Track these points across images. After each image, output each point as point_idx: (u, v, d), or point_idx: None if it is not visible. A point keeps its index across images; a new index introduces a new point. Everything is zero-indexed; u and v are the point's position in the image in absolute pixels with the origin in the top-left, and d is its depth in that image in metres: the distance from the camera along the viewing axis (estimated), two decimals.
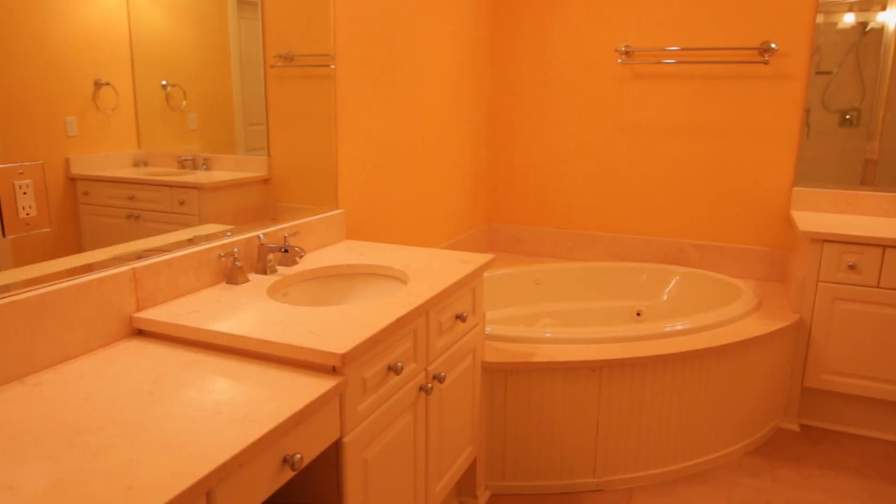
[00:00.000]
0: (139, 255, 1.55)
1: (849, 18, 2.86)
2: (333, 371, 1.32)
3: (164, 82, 1.61)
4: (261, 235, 1.84)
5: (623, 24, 3.20)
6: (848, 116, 2.94)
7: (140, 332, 1.51)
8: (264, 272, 1.81)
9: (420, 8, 2.68)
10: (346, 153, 2.31)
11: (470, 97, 3.26)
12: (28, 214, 1.32)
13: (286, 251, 1.79)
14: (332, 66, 2.18)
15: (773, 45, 2.94)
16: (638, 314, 3.18)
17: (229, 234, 1.80)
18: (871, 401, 2.69)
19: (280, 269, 1.86)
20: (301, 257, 1.80)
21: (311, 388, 1.24)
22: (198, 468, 0.96)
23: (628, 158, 3.32)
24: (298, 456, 1.17)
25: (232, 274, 1.72)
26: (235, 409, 1.14)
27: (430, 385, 1.70)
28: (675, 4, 3.09)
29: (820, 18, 2.88)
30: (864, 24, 2.85)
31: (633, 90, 3.24)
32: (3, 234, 1.28)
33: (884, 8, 2.81)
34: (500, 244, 3.67)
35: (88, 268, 1.43)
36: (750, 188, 3.13)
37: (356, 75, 2.31)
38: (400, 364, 1.53)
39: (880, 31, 2.83)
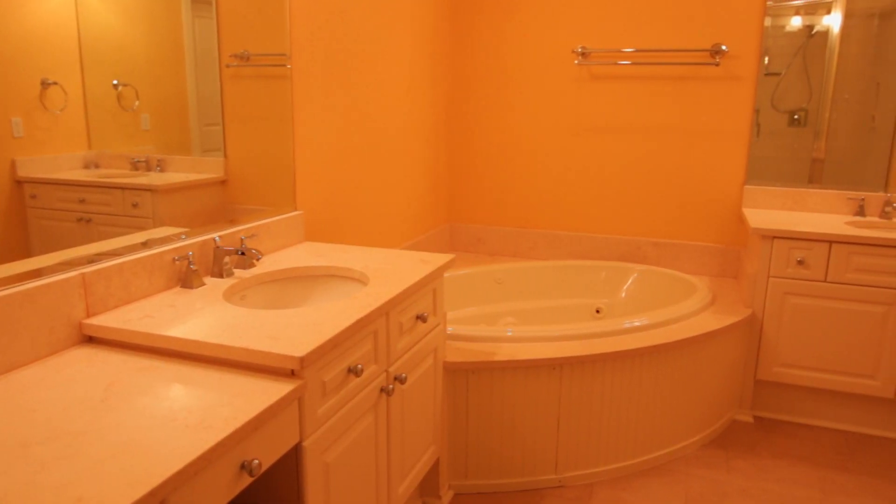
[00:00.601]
0: (91, 260, 1.51)
1: (796, 21, 2.96)
2: (292, 374, 1.30)
3: (115, 82, 1.57)
4: (216, 238, 1.81)
5: (579, 25, 3.24)
6: (796, 116, 3.04)
7: (91, 339, 1.47)
8: (221, 275, 1.78)
9: (378, 9, 2.67)
10: (303, 154, 2.29)
11: (429, 98, 3.26)
12: None
13: (243, 254, 1.76)
14: (288, 66, 2.16)
15: (723, 47, 3.02)
16: (597, 311, 3.23)
17: (184, 236, 1.77)
18: (821, 391, 2.79)
19: (237, 271, 1.83)
20: (258, 260, 1.78)
21: (269, 392, 1.22)
22: (151, 477, 0.94)
23: (586, 158, 3.37)
24: (256, 461, 1.15)
25: (187, 278, 1.69)
26: (190, 416, 1.12)
27: (391, 386, 1.70)
28: (630, 7, 3.15)
29: (768, 21, 2.97)
30: (810, 28, 2.95)
31: (590, 91, 3.29)
32: None
33: (828, 12, 2.91)
34: (461, 244, 3.68)
35: (36, 273, 1.39)
36: (703, 187, 3.20)
37: (313, 75, 2.29)
38: (360, 366, 1.52)
39: (825, 34, 2.93)
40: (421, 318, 1.87)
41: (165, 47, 1.70)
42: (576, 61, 3.27)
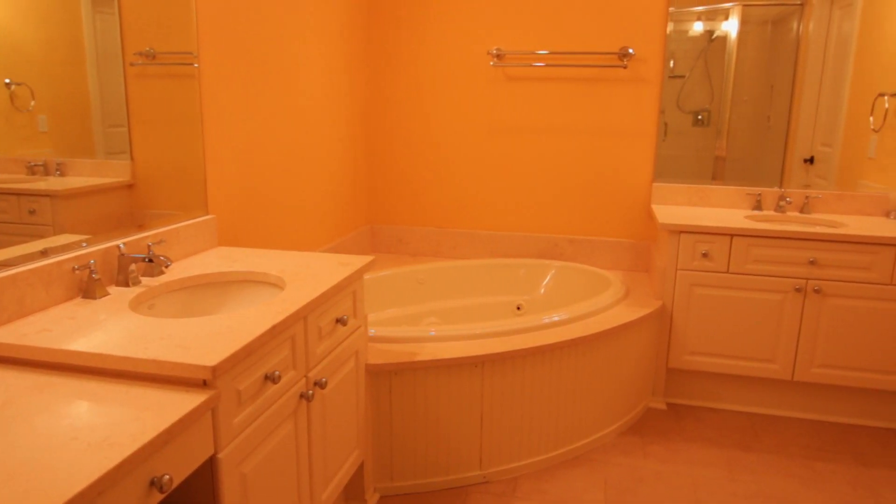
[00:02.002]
0: None
1: (698, 27, 3.12)
2: (204, 385, 1.26)
3: (7, 80, 1.48)
4: (121, 245, 1.73)
5: (494, 27, 3.29)
6: (700, 117, 3.20)
7: None
8: (126, 284, 1.70)
9: (290, 10, 2.62)
10: (214, 156, 2.22)
11: (346, 99, 3.23)
12: None
13: (151, 261, 1.69)
14: (196, 65, 2.09)
15: (630, 51, 3.14)
16: (518, 308, 3.29)
17: (85, 244, 1.68)
18: (726, 376, 2.95)
19: (144, 280, 1.76)
20: (167, 266, 1.71)
21: (180, 404, 1.18)
22: (50, 500, 0.89)
23: (503, 158, 3.43)
24: (167, 477, 1.11)
25: (89, 288, 1.60)
26: (94, 434, 1.06)
27: (310, 392, 1.67)
28: (543, 10, 3.23)
29: (670, 27, 3.11)
30: (710, 33, 3.11)
31: (506, 92, 3.35)
32: None
33: (727, 18, 3.08)
34: (382, 245, 3.67)
35: None
36: (615, 185, 3.33)
37: (223, 74, 2.23)
38: (277, 373, 1.49)
39: (724, 39, 3.10)
40: (341, 321, 1.85)
41: (64, 44, 1.61)
42: (491, 63, 3.32)
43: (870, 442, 2.71)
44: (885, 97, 2.97)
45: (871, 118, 3.01)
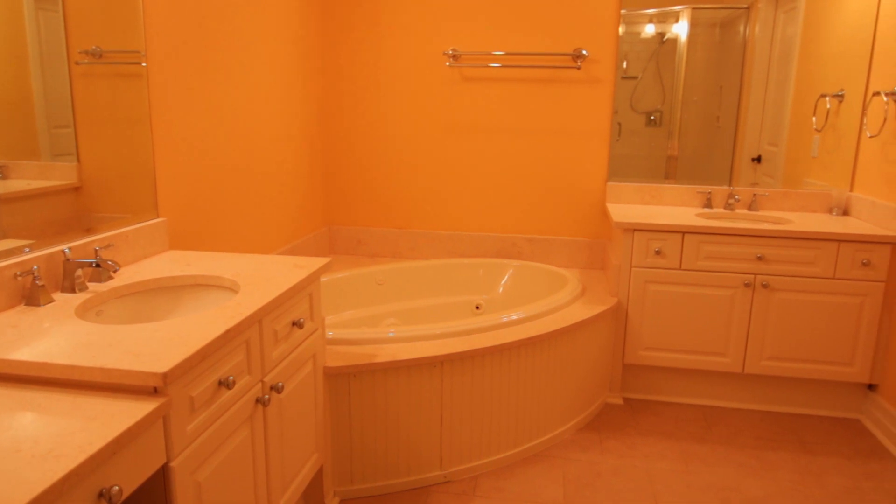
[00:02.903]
0: None
1: (650, 29, 3.18)
2: (155, 392, 1.23)
3: None
4: (66, 250, 1.67)
5: (450, 28, 3.30)
6: (652, 117, 3.27)
7: None
8: (73, 290, 1.65)
9: (242, 5, 2.58)
10: (164, 157, 2.17)
11: (301, 98, 3.20)
12: None
13: (98, 265, 1.64)
14: (144, 64, 2.04)
15: (584, 52, 3.18)
16: (477, 307, 3.31)
17: (27, 249, 1.62)
18: (680, 370, 3.02)
19: (91, 285, 1.71)
20: (116, 271, 1.66)
21: (129, 413, 1.15)
22: None
23: (460, 158, 3.44)
24: (117, 488, 1.08)
25: (32, 294, 1.55)
26: (38, 446, 1.03)
27: (267, 396, 1.65)
28: (498, 12, 3.25)
29: (623, 29, 3.17)
30: (662, 35, 3.18)
31: (462, 92, 3.36)
32: None
33: (677, 20, 3.15)
34: (340, 246, 3.65)
35: None
36: (571, 184, 3.37)
37: (173, 74, 2.18)
38: (232, 378, 1.47)
39: (675, 41, 3.17)
40: (297, 324, 1.83)
41: (4, 42, 1.55)
42: (447, 63, 3.33)
43: (815, 431, 2.81)
44: (827, 98, 3.08)
45: (814, 118, 3.12)
